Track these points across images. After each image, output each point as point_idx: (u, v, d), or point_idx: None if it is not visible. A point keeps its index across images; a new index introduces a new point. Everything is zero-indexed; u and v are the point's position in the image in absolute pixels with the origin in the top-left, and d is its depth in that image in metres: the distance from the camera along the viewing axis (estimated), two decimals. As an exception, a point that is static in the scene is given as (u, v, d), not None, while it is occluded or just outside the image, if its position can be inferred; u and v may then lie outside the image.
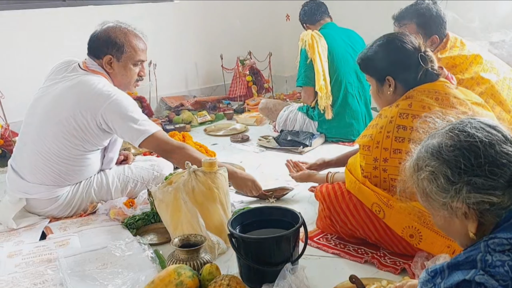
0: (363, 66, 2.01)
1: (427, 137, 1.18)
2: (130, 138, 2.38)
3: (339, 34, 3.67)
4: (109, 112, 2.30)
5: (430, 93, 1.86)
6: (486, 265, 0.98)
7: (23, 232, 2.30)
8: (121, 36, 2.44)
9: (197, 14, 4.92)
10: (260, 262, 1.76)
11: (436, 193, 1.11)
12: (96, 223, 2.37)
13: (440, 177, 1.09)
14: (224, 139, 3.86)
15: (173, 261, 1.82)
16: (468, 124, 1.10)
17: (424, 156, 1.13)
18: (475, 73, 2.54)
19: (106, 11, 4.24)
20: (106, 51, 2.42)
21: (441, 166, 1.09)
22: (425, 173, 1.12)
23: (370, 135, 1.91)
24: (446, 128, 1.14)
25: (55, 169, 2.36)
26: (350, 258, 1.98)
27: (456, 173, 1.06)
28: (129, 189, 2.57)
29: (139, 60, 2.51)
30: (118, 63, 2.44)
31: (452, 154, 1.08)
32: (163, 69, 4.57)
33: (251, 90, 4.80)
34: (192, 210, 2.00)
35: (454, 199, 1.07)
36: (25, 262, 2.02)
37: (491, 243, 1.01)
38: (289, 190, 2.64)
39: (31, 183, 2.38)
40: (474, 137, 1.07)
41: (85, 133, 2.34)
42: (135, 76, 2.53)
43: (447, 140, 1.10)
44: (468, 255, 1.02)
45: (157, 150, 2.45)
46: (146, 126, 2.36)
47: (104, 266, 1.94)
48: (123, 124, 2.33)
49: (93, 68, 2.43)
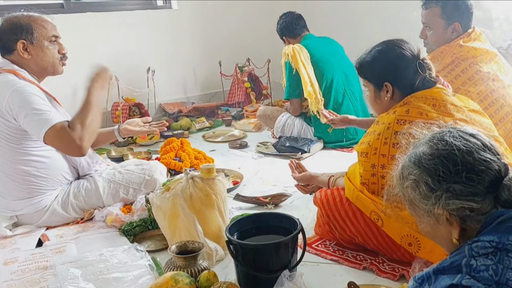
0: (361, 71, 2.00)
1: (411, 147, 1.22)
2: (33, 131, 2.20)
3: (319, 41, 3.77)
4: (11, 103, 2.17)
5: (428, 99, 1.85)
6: (471, 270, 1.00)
7: (19, 239, 2.28)
8: (25, 18, 2.32)
9: (196, 21, 4.93)
10: (258, 269, 1.75)
11: (419, 201, 1.15)
12: (93, 230, 2.35)
13: (421, 185, 1.14)
14: (223, 145, 3.86)
15: (171, 268, 1.81)
16: (447, 133, 1.15)
17: (408, 165, 1.18)
18: (492, 69, 2.55)
19: (104, 18, 4.26)
20: (15, 38, 2.29)
21: (422, 174, 1.14)
22: (408, 181, 1.18)
23: (368, 142, 1.90)
24: (427, 137, 1.19)
25: (20, 180, 2.32)
26: (348, 265, 1.97)
27: (436, 180, 1.11)
28: (121, 195, 2.51)
29: (53, 36, 2.37)
30: (33, 46, 2.31)
31: (431, 163, 1.13)
32: (161, 75, 4.57)
33: (249, 97, 4.79)
34: (189, 216, 2.00)
35: (435, 206, 1.11)
36: (21, 270, 2.01)
37: (474, 246, 1.03)
38: (287, 197, 2.63)
39: (12, 201, 2.35)
40: (452, 146, 1.11)
41: (11, 135, 2.25)
42: (56, 55, 2.38)
43: (427, 149, 1.15)
44: (453, 259, 1.05)
45: (59, 145, 2.23)
46: (46, 119, 2.15)
47: (101, 273, 1.93)
48: (24, 116, 2.17)
49: (5, 67, 2.30)
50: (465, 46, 2.58)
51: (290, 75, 3.57)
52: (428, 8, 2.69)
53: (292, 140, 3.54)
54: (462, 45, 2.58)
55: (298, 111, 3.71)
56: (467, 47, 2.58)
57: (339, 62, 3.69)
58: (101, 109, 2.37)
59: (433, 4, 2.67)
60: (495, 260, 1.00)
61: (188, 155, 3.23)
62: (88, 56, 3.53)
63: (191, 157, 3.23)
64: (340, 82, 3.60)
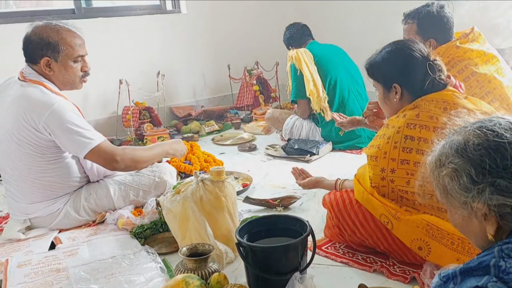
0: (370, 71, 2.00)
1: (451, 133, 1.14)
2: (74, 151, 2.31)
3: (323, 46, 3.85)
4: (50, 123, 2.22)
5: (439, 102, 1.84)
6: (500, 271, 0.95)
7: (33, 242, 2.31)
8: (54, 35, 2.30)
9: (205, 25, 4.96)
10: (268, 271, 1.75)
11: (457, 192, 1.07)
12: (105, 232, 2.37)
13: (463, 176, 1.05)
14: (232, 148, 3.88)
15: (181, 271, 1.82)
16: (497, 124, 1.06)
17: (448, 152, 1.09)
18: (489, 71, 2.55)
19: (115, 23, 4.29)
20: (41, 53, 2.30)
21: (465, 164, 1.05)
22: (447, 169, 1.09)
23: (377, 145, 1.89)
24: (474, 125, 1.10)
25: (37, 185, 2.35)
26: (358, 267, 1.97)
27: (480, 173, 1.03)
28: (132, 197, 2.54)
29: (78, 56, 2.37)
30: (57, 64, 2.32)
31: (477, 153, 1.04)
32: (171, 79, 4.60)
33: (258, 100, 4.81)
34: (200, 219, 2.01)
35: (475, 199, 1.04)
36: (34, 272, 2.03)
37: (505, 248, 0.98)
38: (296, 199, 2.63)
39: (25, 205, 2.38)
40: (503, 138, 1.03)
41: (38, 146, 2.27)
42: (78, 73, 2.39)
43: (474, 138, 1.06)
44: (481, 260, 1.00)
45: (100, 162, 2.36)
46: (88, 139, 2.27)
47: (112, 276, 1.95)
48: (64, 137, 2.25)
49: (31, 77, 2.32)
50: (461, 47, 2.59)
51: (295, 77, 3.60)
52: (407, 23, 2.75)
53: (301, 142, 3.55)
54: (459, 46, 2.59)
55: (306, 113, 3.71)
56: (463, 48, 2.58)
57: (343, 61, 3.74)
58: (153, 161, 2.62)
59: (410, 20, 2.72)
60: None
61: (197, 158, 3.25)
62: (99, 61, 3.56)
63: (201, 160, 3.25)
64: (345, 80, 3.62)
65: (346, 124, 2.75)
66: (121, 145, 4.00)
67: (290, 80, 3.70)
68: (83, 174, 2.48)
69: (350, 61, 3.79)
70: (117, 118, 4.25)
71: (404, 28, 2.75)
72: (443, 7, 2.67)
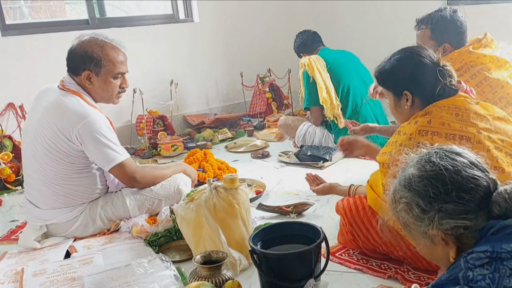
0: (380, 79, 1.98)
1: (401, 170, 1.23)
2: (100, 163, 2.38)
3: (335, 52, 3.85)
4: (82, 134, 2.29)
5: (450, 108, 1.81)
6: (468, 281, 1.01)
7: (48, 251, 2.33)
8: (98, 50, 2.39)
9: (217, 33, 4.99)
10: (282, 278, 1.75)
11: (413, 223, 1.17)
12: (119, 241, 2.39)
13: (414, 208, 1.16)
14: (245, 155, 3.89)
15: (195, 278, 1.82)
16: (434, 154, 1.17)
17: (399, 188, 1.20)
18: (502, 76, 2.53)
19: (128, 33, 4.33)
20: (84, 66, 2.38)
21: (413, 197, 1.15)
22: (401, 204, 1.19)
23: (389, 152, 1.87)
24: (415, 160, 1.20)
25: (60, 192, 2.39)
26: (373, 274, 1.96)
27: (427, 201, 1.13)
28: (147, 207, 2.56)
29: (119, 73, 2.45)
30: (97, 78, 2.40)
31: (421, 184, 1.14)
32: (184, 87, 4.63)
33: (271, 107, 4.81)
34: (213, 226, 2.01)
35: (429, 227, 1.13)
36: (49, 281, 2.04)
37: (469, 258, 1.04)
38: (309, 205, 2.63)
39: (45, 210, 2.42)
40: (439, 166, 1.13)
41: (67, 154, 2.33)
42: (116, 89, 2.48)
43: (415, 171, 1.17)
44: (451, 273, 1.05)
45: (122, 178, 2.46)
46: (116, 153, 2.36)
47: (127, 284, 1.95)
48: (93, 148, 2.32)
49: (70, 87, 2.40)
50: (474, 52, 2.58)
51: (308, 84, 3.60)
52: (420, 29, 2.73)
53: (313, 149, 3.54)
54: (471, 52, 2.57)
55: (319, 120, 3.71)
56: (476, 54, 2.57)
57: (355, 68, 3.73)
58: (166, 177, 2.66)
59: (423, 26, 2.71)
60: (491, 269, 1.00)
61: (211, 166, 3.26)
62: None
63: (214, 168, 3.26)
64: (358, 87, 3.62)
65: (359, 131, 2.76)
66: (134, 153, 4.04)
67: (303, 87, 3.70)
68: (105, 185, 2.53)
69: (362, 67, 3.79)
70: (131, 127, 4.29)
71: (417, 34, 2.74)
72: (456, 11, 2.66)
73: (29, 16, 4.34)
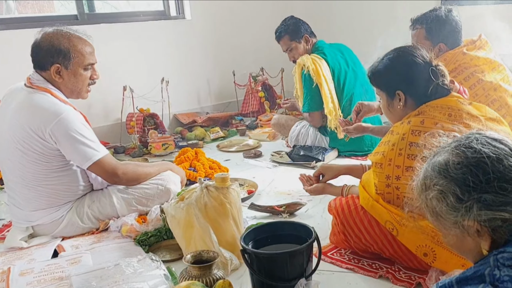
0: (373, 79, 1.99)
1: (432, 154, 1.16)
2: (78, 161, 2.33)
3: (333, 51, 3.66)
4: (56, 132, 2.22)
5: (443, 109, 1.82)
6: (494, 280, 0.97)
7: (35, 250, 2.30)
8: (65, 42, 2.29)
9: (209, 31, 4.96)
10: (273, 278, 1.74)
11: (446, 212, 1.09)
12: (108, 240, 2.36)
13: (449, 196, 1.08)
14: (237, 155, 3.86)
15: (186, 278, 1.81)
16: (474, 140, 1.09)
17: (432, 174, 1.12)
18: (495, 79, 2.54)
19: (118, 29, 4.30)
20: (52, 60, 2.28)
21: (449, 185, 1.08)
22: (433, 192, 1.11)
23: (382, 152, 1.88)
24: (452, 145, 1.12)
25: (42, 193, 2.34)
26: (364, 273, 1.96)
27: (465, 190, 1.05)
28: (135, 206, 2.51)
29: (89, 64, 2.37)
30: (67, 71, 2.31)
31: (460, 172, 1.06)
32: (175, 86, 4.59)
33: (263, 106, 4.80)
34: (204, 226, 1.99)
35: (465, 218, 1.06)
36: (36, 280, 2.01)
37: (500, 257, 1.00)
38: (302, 205, 2.62)
39: (30, 212, 2.37)
40: (481, 153, 1.05)
41: (43, 154, 2.27)
42: (87, 81, 2.40)
43: (453, 157, 1.09)
44: (477, 269, 1.01)
45: (102, 175, 2.40)
46: (93, 150, 2.30)
47: (116, 284, 1.93)
48: (69, 147, 2.26)
49: (38, 84, 2.31)
50: (468, 54, 2.58)
51: (310, 88, 3.47)
52: (415, 29, 2.73)
53: (306, 149, 3.53)
54: (465, 53, 2.58)
55: (319, 123, 3.63)
56: (469, 55, 2.57)
57: (357, 75, 3.61)
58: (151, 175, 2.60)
59: (418, 25, 2.71)
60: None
61: (202, 165, 3.24)
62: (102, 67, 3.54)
63: (206, 167, 3.24)
64: (358, 96, 3.53)
65: (352, 131, 2.75)
66: (124, 152, 4.01)
67: (301, 88, 3.58)
68: (88, 182, 2.48)
69: (361, 69, 3.63)
70: (121, 125, 4.25)
71: (412, 34, 2.74)
72: (451, 11, 2.66)
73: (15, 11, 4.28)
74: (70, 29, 2.38)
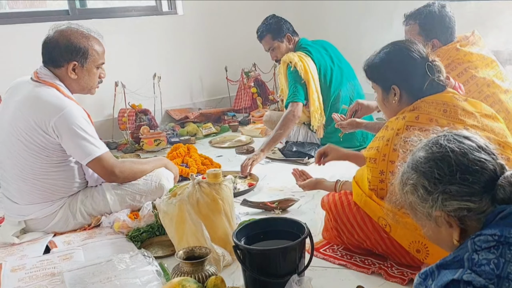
0: (369, 73, 1.98)
1: (411, 154, 1.25)
2: (78, 157, 2.34)
3: (317, 48, 3.63)
4: (59, 126, 2.24)
5: (438, 104, 1.81)
6: (473, 264, 1.02)
7: (27, 246, 2.28)
8: (84, 41, 2.36)
9: (202, 27, 4.94)
10: (265, 274, 1.74)
11: (418, 204, 1.18)
12: (101, 236, 2.35)
13: (419, 188, 1.17)
14: (229, 151, 3.85)
15: (178, 274, 1.81)
16: (442, 137, 1.19)
17: (406, 171, 1.22)
18: (488, 75, 2.54)
19: (110, 24, 4.26)
20: (69, 57, 2.33)
21: (419, 178, 1.17)
22: (407, 186, 1.21)
23: (376, 147, 1.88)
24: (423, 143, 1.22)
25: (38, 187, 2.34)
26: (356, 269, 1.96)
27: (432, 183, 1.14)
28: (128, 202, 2.51)
29: (102, 63, 2.46)
30: (82, 69, 2.37)
31: (427, 166, 1.16)
32: (167, 81, 4.57)
33: (256, 102, 4.80)
34: (196, 222, 1.99)
35: (433, 208, 1.15)
36: (28, 276, 2.01)
37: (477, 240, 1.05)
38: (294, 201, 2.62)
39: (23, 205, 2.37)
40: (446, 148, 1.15)
41: (44, 148, 2.28)
42: (97, 79, 2.47)
43: (422, 153, 1.19)
44: (456, 254, 1.07)
45: (100, 172, 2.41)
46: (93, 147, 2.31)
47: (108, 280, 1.93)
48: (70, 141, 2.27)
49: (46, 78, 2.34)
50: (461, 50, 2.58)
51: (297, 82, 3.40)
52: (408, 25, 2.72)
53: (298, 145, 3.53)
54: (459, 49, 2.57)
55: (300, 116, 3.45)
56: (463, 51, 2.57)
57: (343, 71, 3.59)
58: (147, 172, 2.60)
59: (411, 21, 2.69)
60: (497, 253, 1.02)
61: (195, 161, 3.24)
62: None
63: (198, 163, 3.23)
64: (345, 92, 3.53)
65: (346, 126, 2.75)
66: (117, 148, 3.99)
67: (286, 83, 3.52)
68: (83, 179, 2.48)
69: (345, 64, 3.64)
70: (113, 121, 4.23)
71: (406, 29, 2.73)
72: (444, 7, 2.65)
73: (6, 6, 4.24)
74: (81, 26, 2.43)
